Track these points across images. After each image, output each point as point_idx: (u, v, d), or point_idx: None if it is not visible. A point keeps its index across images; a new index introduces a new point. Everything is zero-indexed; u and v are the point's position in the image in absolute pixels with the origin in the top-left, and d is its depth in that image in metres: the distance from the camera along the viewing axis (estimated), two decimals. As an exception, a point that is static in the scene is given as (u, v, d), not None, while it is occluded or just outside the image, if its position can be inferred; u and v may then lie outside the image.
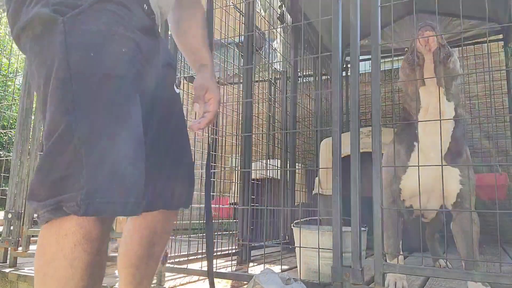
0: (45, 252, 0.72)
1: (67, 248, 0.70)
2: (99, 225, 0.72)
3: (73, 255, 0.70)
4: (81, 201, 0.69)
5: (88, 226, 0.71)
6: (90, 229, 0.71)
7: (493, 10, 3.24)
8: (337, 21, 1.57)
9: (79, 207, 0.69)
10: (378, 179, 1.44)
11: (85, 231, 0.71)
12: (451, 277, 1.50)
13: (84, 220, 0.71)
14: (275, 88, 3.82)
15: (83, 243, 0.71)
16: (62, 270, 0.70)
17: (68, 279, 0.70)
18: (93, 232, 0.71)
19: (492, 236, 3.49)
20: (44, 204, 0.71)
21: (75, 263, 0.70)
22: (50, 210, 0.71)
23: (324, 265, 1.60)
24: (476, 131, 4.03)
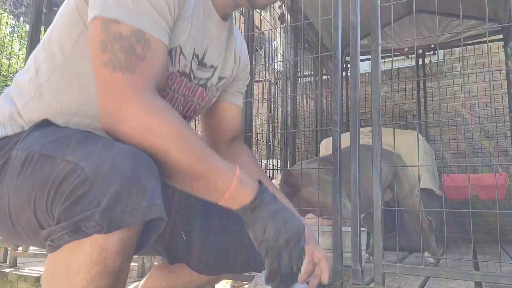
0: (54, 283, 0.65)
1: (79, 286, 0.62)
2: (119, 257, 0.64)
3: None
4: (101, 219, 0.60)
5: (106, 261, 0.63)
6: (107, 263, 0.63)
7: (493, 10, 3.24)
8: (337, 21, 1.57)
9: (101, 225, 0.60)
10: (378, 179, 1.44)
11: (102, 267, 0.63)
12: (451, 277, 1.50)
13: (101, 253, 0.62)
14: (275, 88, 3.82)
15: (97, 281, 0.63)
16: None
17: None
18: (110, 266, 0.63)
19: (492, 236, 3.50)
20: (61, 226, 0.62)
21: None
22: (69, 232, 0.62)
23: (324, 265, 1.60)
24: (476, 131, 4.03)
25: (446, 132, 3.96)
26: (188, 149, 0.72)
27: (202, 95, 1.00)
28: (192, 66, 0.92)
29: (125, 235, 0.63)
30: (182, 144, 0.71)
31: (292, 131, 2.98)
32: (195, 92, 0.98)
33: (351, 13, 1.55)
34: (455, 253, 2.80)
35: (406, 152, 2.44)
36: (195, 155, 0.72)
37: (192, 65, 0.92)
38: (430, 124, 4.20)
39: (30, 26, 2.23)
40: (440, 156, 3.78)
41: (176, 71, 0.89)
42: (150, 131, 0.69)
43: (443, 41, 3.94)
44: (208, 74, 0.98)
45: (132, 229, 0.64)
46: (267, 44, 3.53)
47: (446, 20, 3.70)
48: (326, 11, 1.73)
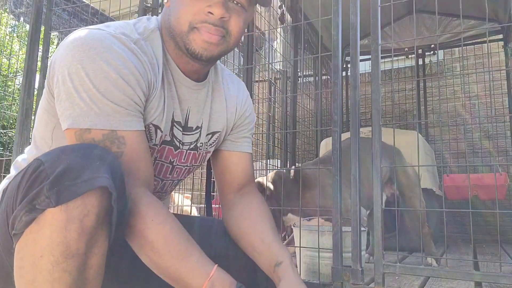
0: (23, 274, 0.67)
1: (45, 271, 0.64)
2: (81, 238, 0.66)
3: (52, 276, 0.65)
4: (49, 191, 0.64)
5: (66, 241, 0.65)
6: (69, 244, 0.65)
7: (493, 10, 3.24)
8: (337, 21, 1.56)
9: (50, 198, 0.64)
10: (378, 179, 1.44)
11: (64, 247, 0.65)
12: (451, 277, 1.50)
13: (61, 233, 0.65)
14: (275, 88, 3.82)
15: (61, 262, 0.65)
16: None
17: None
18: (72, 247, 0.65)
19: (492, 236, 3.50)
20: (19, 208, 0.67)
21: (56, 285, 0.65)
22: (26, 213, 0.66)
23: (324, 265, 1.60)
24: (476, 131, 4.03)
25: (446, 132, 3.96)
26: (162, 248, 0.77)
27: (194, 157, 1.05)
28: (175, 133, 0.97)
29: (81, 213, 0.66)
30: (157, 242, 0.77)
31: (292, 131, 2.98)
32: (188, 158, 1.03)
33: (351, 13, 1.55)
34: (455, 253, 2.80)
35: (406, 152, 2.44)
36: (169, 255, 0.77)
37: (175, 132, 0.97)
38: (430, 124, 4.20)
39: (30, 26, 2.23)
40: (440, 156, 3.78)
41: (153, 146, 0.94)
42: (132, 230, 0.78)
43: (443, 41, 3.94)
44: (195, 136, 1.02)
45: (87, 207, 0.67)
46: (267, 44, 3.53)
47: (446, 20, 3.70)
48: (326, 11, 1.73)
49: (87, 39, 0.81)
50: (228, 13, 0.88)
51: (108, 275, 0.98)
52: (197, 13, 0.87)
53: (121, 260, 0.97)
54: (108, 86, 0.80)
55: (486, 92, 3.99)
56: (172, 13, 0.90)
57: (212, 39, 0.88)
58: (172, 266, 0.77)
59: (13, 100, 4.23)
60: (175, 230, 0.79)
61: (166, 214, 0.81)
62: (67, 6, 2.49)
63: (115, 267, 0.97)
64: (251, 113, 1.14)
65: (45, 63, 2.25)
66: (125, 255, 0.98)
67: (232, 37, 0.91)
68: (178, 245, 0.78)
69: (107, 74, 0.79)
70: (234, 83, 1.12)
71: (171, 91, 0.95)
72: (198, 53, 0.89)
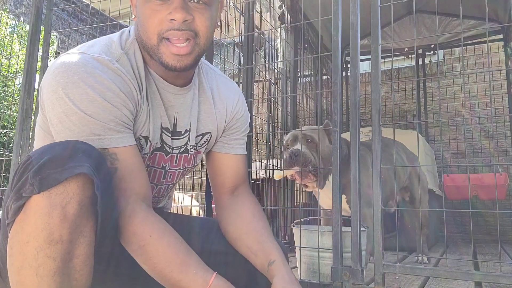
0: (13, 262, 0.70)
1: (30, 256, 0.67)
2: (63, 225, 0.68)
3: (37, 262, 0.66)
4: (32, 179, 0.67)
5: (49, 227, 0.67)
6: (52, 230, 0.67)
7: (493, 10, 3.24)
8: (337, 21, 1.57)
9: (33, 186, 0.67)
10: (378, 179, 1.44)
11: (47, 233, 0.67)
12: (451, 277, 1.50)
13: (44, 220, 0.67)
14: (275, 88, 3.82)
15: (45, 248, 0.67)
16: (29, 280, 0.67)
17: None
18: (55, 233, 0.67)
19: (492, 236, 3.49)
20: (9, 198, 0.71)
21: (40, 271, 0.66)
22: (14, 201, 0.70)
23: (324, 265, 1.60)
24: (476, 131, 4.03)
25: (446, 132, 3.96)
26: (162, 262, 0.80)
27: (186, 159, 1.06)
28: (165, 140, 0.99)
29: (63, 200, 0.68)
30: (158, 257, 0.80)
31: (292, 131, 2.98)
32: (179, 161, 1.05)
33: (351, 13, 1.55)
34: (455, 253, 2.80)
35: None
36: (168, 268, 0.80)
37: (164, 139, 0.99)
38: (430, 124, 4.20)
39: (30, 26, 2.23)
40: (440, 156, 3.78)
41: (144, 155, 0.96)
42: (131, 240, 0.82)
43: (443, 41, 3.94)
44: (185, 140, 1.03)
45: (69, 194, 0.69)
46: (267, 44, 3.53)
47: (446, 20, 3.70)
48: (326, 11, 1.73)
49: (70, 65, 0.83)
50: (190, 14, 0.87)
51: (110, 275, 0.98)
52: (160, 22, 0.87)
53: (122, 260, 0.98)
54: (95, 109, 0.82)
55: (486, 92, 3.99)
56: (140, 27, 0.91)
57: (181, 51, 0.88)
58: (172, 278, 0.80)
59: (13, 100, 4.23)
60: (173, 243, 0.82)
61: (163, 228, 0.84)
62: (67, 6, 2.49)
63: (116, 267, 0.97)
64: (243, 115, 1.14)
65: (45, 63, 2.25)
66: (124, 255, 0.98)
67: (201, 37, 0.91)
68: (177, 258, 0.81)
69: (92, 98, 0.82)
70: (224, 83, 1.12)
71: (156, 99, 0.96)
72: (171, 65, 0.90)
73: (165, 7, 0.87)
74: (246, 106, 1.16)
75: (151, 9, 0.87)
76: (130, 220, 0.81)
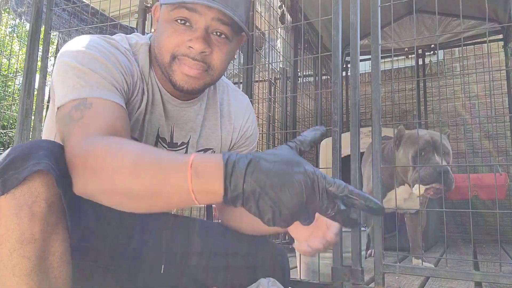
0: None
1: (5, 257, 0.66)
2: (33, 224, 0.67)
3: (12, 263, 0.66)
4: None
5: (19, 228, 0.67)
6: (22, 231, 0.67)
7: (493, 10, 3.24)
8: (337, 21, 1.57)
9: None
10: (378, 179, 1.44)
11: (18, 234, 0.67)
12: (451, 277, 1.50)
13: (13, 221, 0.67)
14: (275, 88, 3.82)
15: (18, 249, 0.67)
16: (7, 280, 0.67)
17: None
18: (26, 233, 0.67)
19: (492, 236, 3.49)
20: None
21: (16, 271, 0.66)
22: None
23: (324, 265, 1.60)
24: (476, 131, 4.03)
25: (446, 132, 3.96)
26: (131, 170, 0.66)
27: None
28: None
29: (28, 199, 0.68)
30: (124, 166, 0.67)
31: (292, 131, 2.98)
32: None
33: (351, 13, 1.55)
34: (455, 253, 2.80)
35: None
36: (140, 175, 0.66)
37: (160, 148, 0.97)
38: (430, 124, 4.20)
39: (30, 26, 2.23)
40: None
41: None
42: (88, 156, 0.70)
43: (443, 41, 3.94)
44: (181, 152, 1.02)
45: (34, 193, 0.68)
46: (267, 44, 3.53)
47: (446, 20, 3.70)
48: (326, 11, 1.73)
49: (77, 39, 0.87)
50: (210, 47, 0.87)
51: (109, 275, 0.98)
52: (178, 45, 0.87)
53: (121, 260, 0.97)
54: (95, 65, 0.82)
55: (486, 92, 3.99)
56: (157, 43, 0.91)
57: (191, 72, 0.87)
58: (147, 181, 0.64)
59: (13, 100, 4.23)
60: (137, 147, 0.72)
61: (120, 141, 0.73)
62: (67, 6, 2.49)
63: (116, 268, 0.97)
64: (253, 133, 1.12)
65: (45, 63, 2.25)
66: (125, 256, 0.98)
67: (215, 70, 0.91)
68: (149, 160, 0.67)
69: (94, 56, 0.83)
70: (236, 98, 1.11)
71: (157, 107, 0.96)
72: (179, 85, 0.89)
73: (188, 33, 0.86)
74: (256, 123, 1.15)
75: (173, 29, 0.87)
76: (77, 148, 0.73)
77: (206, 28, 0.86)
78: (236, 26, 0.89)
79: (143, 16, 2.06)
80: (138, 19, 2.19)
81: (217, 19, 0.86)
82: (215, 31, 0.88)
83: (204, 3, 0.83)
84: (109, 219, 0.95)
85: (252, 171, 0.57)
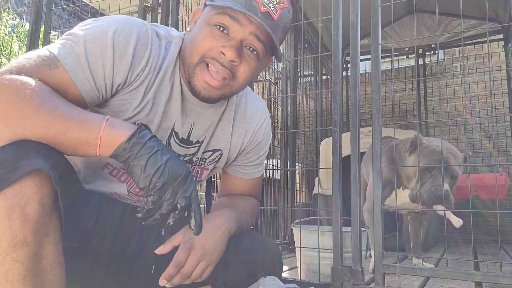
0: None
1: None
2: (25, 226, 0.66)
3: (5, 268, 0.65)
4: None
5: (11, 230, 0.65)
6: (14, 233, 0.65)
7: (493, 10, 3.24)
8: (337, 20, 1.56)
9: None
10: (378, 179, 1.44)
11: (10, 237, 0.65)
12: (452, 277, 1.49)
13: (5, 223, 0.65)
14: (275, 88, 3.82)
15: (10, 253, 0.65)
16: (0, 286, 0.65)
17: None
18: (19, 236, 0.65)
19: (492, 236, 3.49)
20: None
21: (9, 276, 0.65)
22: None
23: (324, 265, 1.60)
24: (476, 131, 4.03)
25: (446, 132, 3.96)
26: (42, 110, 0.71)
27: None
28: (171, 143, 0.98)
29: (21, 201, 0.66)
30: (34, 107, 0.71)
31: (292, 131, 2.98)
32: None
33: (351, 13, 1.55)
34: (455, 253, 2.80)
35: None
36: (50, 115, 0.71)
37: (171, 142, 0.98)
38: (430, 124, 4.20)
39: (30, 26, 2.23)
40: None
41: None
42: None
43: (443, 41, 3.93)
44: (192, 150, 1.02)
45: (26, 195, 0.66)
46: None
47: (446, 20, 3.69)
48: (326, 11, 1.73)
49: (120, 18, 0.90)
50: (240, 58, 0.88)
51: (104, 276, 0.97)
52: (210, 49, 0.88)
53: (117, 261, 0.97)
54: (97, 50, 0.83)
55: (487, 92, 3.99)
56: (189, 42, 0.92)
57: (213, 83, 0.89)
58: (55, 123, 0.72)
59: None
60: (48, 94, 0.75)
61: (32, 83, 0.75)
62: (67, 6, 2.49)
63: (111, 268, 0.97)
64: (264, 139, 1.12)
65: (45, 63, 2.25)
66: (120, 256, 0.98)
67: (237, 83, 0.92)
68: (57, 104, 0.74)
69: (104, 42, 0.84)
70: (253, 102, 1.11)
71: (176, 102, 0.96)
72: (197, 91, 0.91)
73: (223, 39, 0.87)
74: (270, 128, 1.15)
75: (209, 33, 0.88)
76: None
77: (242, 40, 0.88)
78: (269, 47, 0.91)
79: (143, 16, 2.05)
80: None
81: (255, 34, 0.88)
82: (248, 46, 0.89)
83: (249, 14, 0.84)
84: (104, 220, 0.95)
85: (151, 139, 0.76)
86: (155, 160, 0.74)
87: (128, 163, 0.74)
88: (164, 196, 0.74)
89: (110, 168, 0.97)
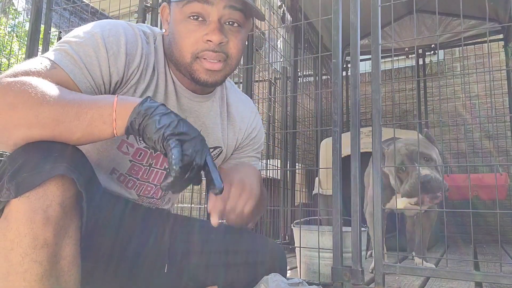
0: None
1: (15, 262, 0.65)
2: (46, 228, 0.67)
3: (23, 268, 0.65)
4: (8, 183, 0.66)
5: (33, 232, 0.66)
6: (36, 235, 0.66)
7: (493, 10, 3.24)
8: (337, 20, 1.56)
9: (10, 190, 0.66)
10: (378, 179, 1.44)
11: (31, 238, 0.65)
12: (452, 277, 1.49)
13: (27, 225, 0.65)
14: (275, 88, 3.82)
15: (30, 254, 0.65)
16: (17, 285, 0.65)
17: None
18: (40, 238, 0.66)
19: (492, 236, 3.49)
20: None
21: (27, 276, 0.65)
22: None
23: (324, 265, 1.60)
24: (476, 131, 4.03)
25: (446, 132, 3.96)
26: (51, 103, 0.71)
27: None
28: None
29: (43, 204, 0.66)
30: (40, 98, 0.71)
31: (292, 131, 2.98)
32: None
33: (351, 13, 1.55)
34: (455, 253, 2.79)
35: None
36: (59, 105, 0.71)
37: None
38: (431, 124, 4.20)
39: (30, 26, 2.23)
40: (440, 156, 3.77)
41: (143, 148, 0.96)
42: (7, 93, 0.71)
43: (443, 41, 3.93)
44: None
45: (49, 197, 0.67)
46: (267, 44, 3.52)
47: (447, 20, 3.70)
48: (326, 11, 1.73)
49: (106, 23, 0.92)
50: (226, 37, 0.90)
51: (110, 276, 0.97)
52: (196, 42, 0.89)
53: (122, 260, 0.97)
54: (90, 50, 0.85)
55: (487, 92, 3.99)
56: (173, 44, 0.93)
57: (214, 67, 0.91)
58: (68, 106, 0.72)
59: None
60: (50, 86, 0.75)
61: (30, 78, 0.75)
62: (67, 6, 2.49)
63: (117, 268, 0.97)
64: (258, 134, 1.16)
65: (45, 63, 2.25)
66: (125, 256, 0.98)
67: (232, 59, 0.94)
68: (64, 93, 0.75)
69: (96, 42, 0.86)
70: (242, 101, 1.15)
71: (171, 100, 0.98)
72: (204, 80, 0.92)
73: (202, 28, 0.89)
74: (262, 124, 1.19)
75: (187, 29, 0.89)
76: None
77: (219, 18, 0.89)
78: (246, 10, 0.91)
79: (142, 16, 2.05)
80: (138, 19, 2.18)
81: (229, 6, 0.89)
82: (228, 21, 0.90)
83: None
84: (110, 219, 0.95)
85: (163, 105, 0.75)
86: (168, 117, 0.73)
87: (143, 125, 0.72)
88: (182, 147, 0.71)
89: (117, 173, 0.98)
